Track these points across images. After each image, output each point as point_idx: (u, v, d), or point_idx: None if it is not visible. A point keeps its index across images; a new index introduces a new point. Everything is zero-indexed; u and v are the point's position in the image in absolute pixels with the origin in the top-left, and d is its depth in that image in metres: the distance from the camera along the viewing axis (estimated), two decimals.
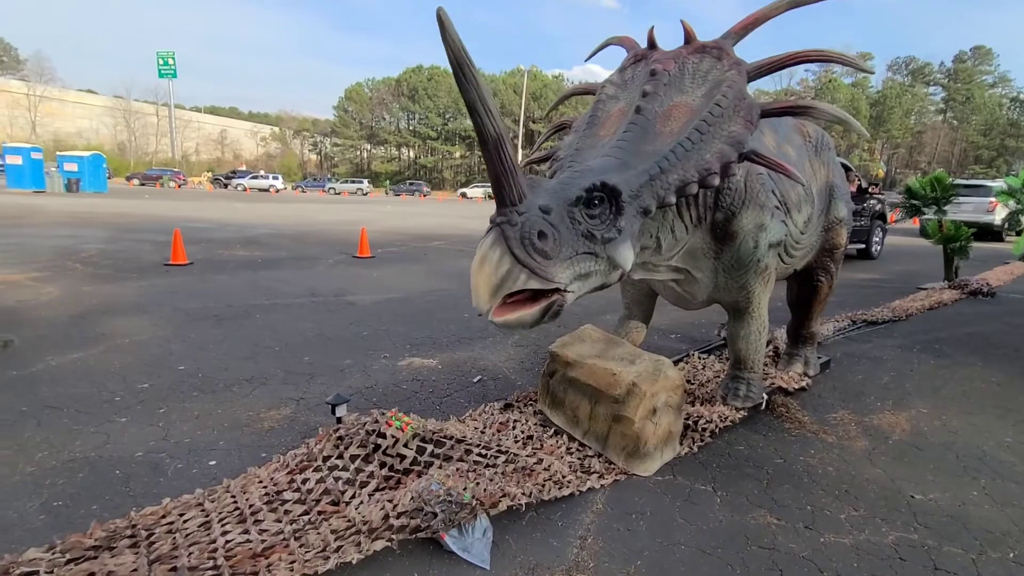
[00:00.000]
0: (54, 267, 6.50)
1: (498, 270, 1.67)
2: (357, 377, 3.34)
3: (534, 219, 1.70)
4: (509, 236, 1.67)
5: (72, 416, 2.66)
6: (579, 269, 1.84)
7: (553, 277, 1.76)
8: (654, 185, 1.97)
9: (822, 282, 3.25)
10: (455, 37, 1.51)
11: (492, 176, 1.69)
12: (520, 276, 1.69)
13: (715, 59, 2.23)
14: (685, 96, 2.21)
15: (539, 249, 1.70)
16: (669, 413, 2.40)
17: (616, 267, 1.93)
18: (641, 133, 2.13)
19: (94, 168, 27.43)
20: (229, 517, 1.85)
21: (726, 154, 2.03)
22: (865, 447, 2.62)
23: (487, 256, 1.68)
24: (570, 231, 1.80)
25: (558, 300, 1.80)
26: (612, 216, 1.87)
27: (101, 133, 58.07)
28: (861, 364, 3.87)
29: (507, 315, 1.77)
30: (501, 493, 1.96)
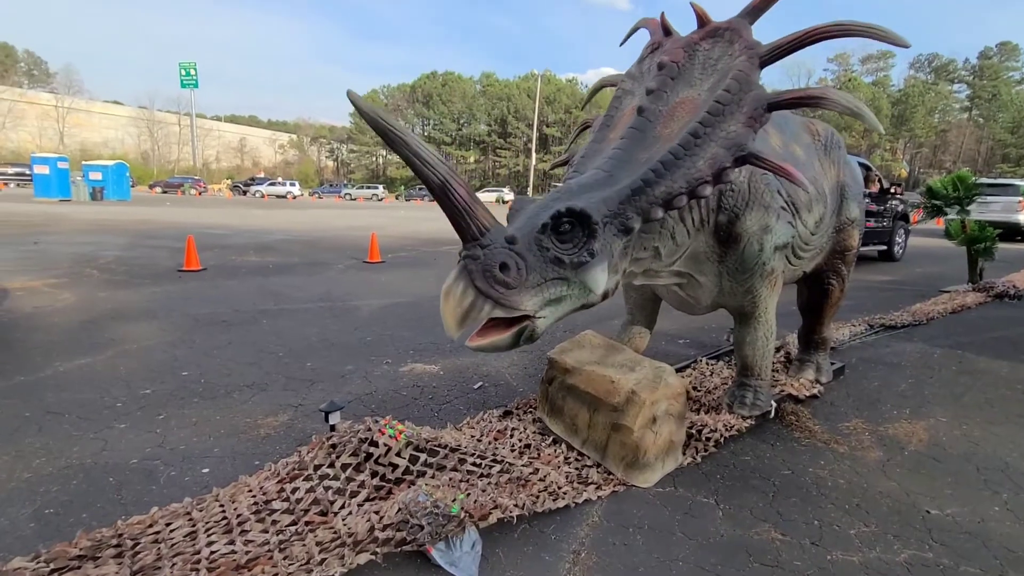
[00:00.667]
0: (72, 274, 6.63)
1: (462, 302, 1.71)
2: (358, 383, 3.31)
3: (496, 251, 1.73)
4: (472, 269, 1.72)
5: (73, 422, 2.67)
6: (549, 295, 1.83)
7: (518, 305, 1.78)
8: (637, 201, 1.90)
9: (833, 285, 3.14)
10: (371, 110, 1.58)
11: (449, 217, 1.74)
12: (484, 307, 1.73)
13: (728, 43, 2.09)
14: (692, 90, 2.12)
15: (501, 280, 1.73)
16: (670, 422, 2.32)
17: (588, 291, 1.89)
18: (639, 138, 2.06)
19: (118, 177, 28.09)
20: (216, 527, 1.83)
21: (720, 159, 1.92)
22: (879, 458, 2.50)
23: (451, 290, 1.72)
24: (537, 258, 1.80)
25: (529, 325, 1.82)
26: (584, 240, 1.83)
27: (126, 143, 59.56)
28: (878, 370, 3.73)
29: (480, 340, 1.82)
30: (492, 505, 1.91)
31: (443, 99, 58.90)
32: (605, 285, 1.94)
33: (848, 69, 59.70)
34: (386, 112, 1.64)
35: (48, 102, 56.36)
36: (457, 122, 59.83)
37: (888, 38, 1.85)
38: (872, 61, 59.43)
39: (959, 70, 58.39)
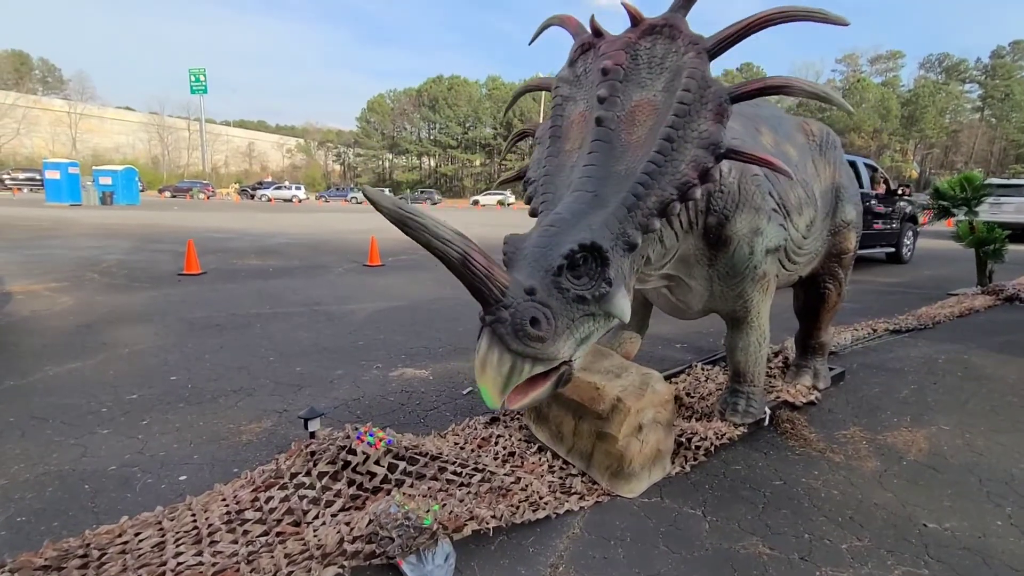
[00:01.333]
0: (73, 277, 6.66)
1: (501, 370, 1.66)
2: (346, 388, 3.27)
3: (523, 307, 1.67)
4: (502, 333, 1.66)
5: (56, 428, 2.65)
6: (580, 334, 1.80)
7: (556, 355, 1.74)
8: (634, 216, 1.85)
9: (830, 289, 3.05)
10: (387, 204, 1.55)
11: (469, 287, 1.67)
12: (524, 367, 1.69)
13: (668, 39, 2.01)
14: (645, 92, 2.01)
15: (535, 336, 1.67)
16: (658, 430, 2.26)
17: (613, 317, 1.86)
18: (607, 150, 1.96)
19: (127, 181, 28.40)
20: (185, 537, 1.79)
21: (701, 160, 1.86)
22: (876, 468, 2.42)
23: (487, 360, 1.67)
24: (561, 303, 1.74)
25: (567, 371, 1.80)
26: (599, 270, 1.78)
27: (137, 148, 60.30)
28: (879, 376, 3.64)
29: (522, 400, 1.77)
30: (468, 516, 1.85)
31: (449, 103, 59.06)
32: (629, 311, 1.90)
33: (856, 70, 59.27)
34: (403, 203, 1.60)
35: (61, 108, 57.21)
36: (463, 125, 59.96)
37: (828, 19, 1.81)
38: (881, 61, 58.97)
39: (971, 70, 57.74)
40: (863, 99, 52.15)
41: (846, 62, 60.45)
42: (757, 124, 2.56)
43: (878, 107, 51.89)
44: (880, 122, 52.11)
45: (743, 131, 2.44)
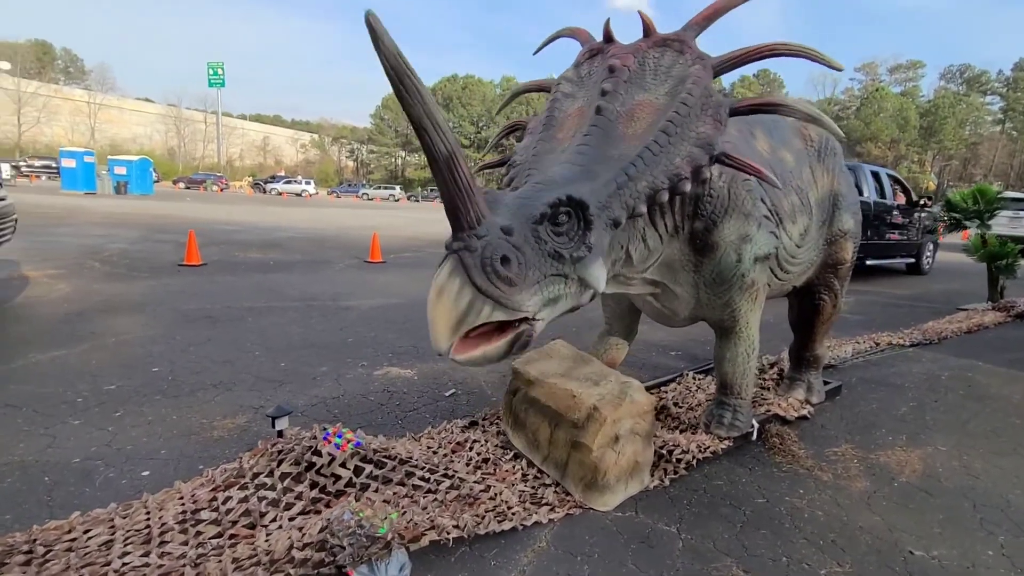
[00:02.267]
0: (74, 265, 6.68)
1: (458, 303, 1.50)
2: (328, 385, 3.22)
3: (496, 242, 1.53)
4: (468, 264, 1.50)
5: (27, 416, 2.62)
6: (548, 293, 1.67)
7: (520, 305, 1.60)
8: (622, 194, 1.79)
9: (824, 300, 2.95)
10: (390, 44, 1.34)
11: (445, 197, 1.52)
12: (484, 308, 1.53)
13: (677, 52, 2.03)
14: (647, 94, 2.02)
15: (503, 276, 1.53)
16: (635, 441, 2.17)
17: (588, 287, 1.77)
18: (604, 136, 1.94)
19: (141, 172, 28.66)
20: (135, 537, 1.73)
21: (696, 157, 1.84)
22: (865, 489, 2.32)
23: (445, 287, 1.51)
24: (536, 252, 1.63)
25: (527, 330, 1.65)
26: (581, 232, 1.70)
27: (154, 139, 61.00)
28: (878, 392, 3.52)
29: (470, 352, 1.61)
30: (429, 525, 1.78)
31: (463, 102, 59.13)
32: (604, 282, 1.82)
33: (875, 79, 58.52)
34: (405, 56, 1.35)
35: (81, 98, 57.98)
36: (476, 125, 60.00)
37: (823, 60, 1.90)
38: (901, 71, 58.17)
39: (992, 82, 56.76)
40: (881, 108, 51.47)
41: (865, 71, 59.71)
42: (752, 128, 2.47)
43: (896, 117, 51.17)
44: (898, 132, 51.37)
45: (737, 135, 2.35)
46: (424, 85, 1.41)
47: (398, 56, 1.35)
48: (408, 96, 1.38)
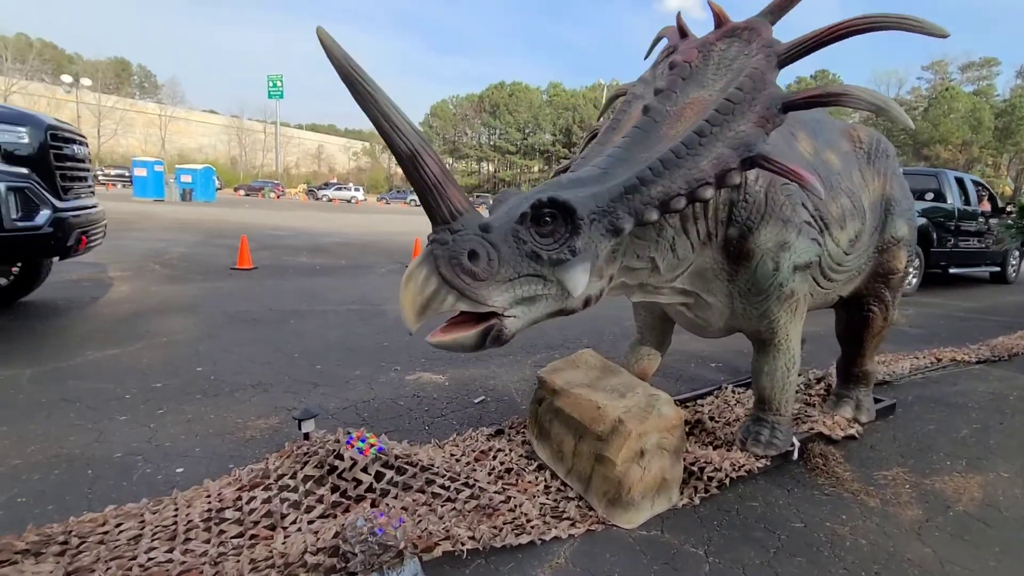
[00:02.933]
0: (137, 268, 7.11)
1: (424, 289, 1.55)
2: (360, 389, 3.26)
3: (467, 238, 1.57)
4: (438, 255, 1.55)
5: (79, 411, 2.77)
6: (521, 292, 1.66)
7: (486, 300, 1.60)
8: (630, 200, 1.71)
9: (875, 312, 2.75)
10: (340, 54, 1.42)
11: (417, 193, 1.58)
12: (447, 297, 1.57)
13: (745, 42, 1.91)
14: (704, 91, 1.92)
15: (468, 270, 1.56)
16: (663, 457, 2.08)
17: (565, 293, 1.73)
18: (642, 137, 1.88)
19: (205, 180, 30.33)
20: (162, 532, 1.79)
21: (725, 160, 1.71)
22: (916, 517, 2.14)
23: (413, 274, 1.57)
24: (512, 250, 1.63)
25: (496, 324, 1.65)
26: (566, 236, 1.66)
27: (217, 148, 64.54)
28: (937, 411, 3.26)
29: (442, 336, 1.67)
30: (444, 535, 1.76)
31: (509, 109, 59.60)
32: (585, 289, 1.76)
33: (945, 78, 55.06)
34: (354, 60, 1.45)
35: (153, 111, 62.09)
36: (523, 131, 60.35)
37: (924, 29, 1.61)
38: (974, 69, 54.51)
39: None
40: (951, 109, 48.35)
41: (933, 69, 56.30)
42: (794, 129, 2.34)
43: (968, 118, 47.93)
44: (970, 134, 48.10)
45: (778, 137, 2.23)
46: (378, 88, 1.48)
47: (349, 64, 1.43)
48: (363, 101, 1.46)
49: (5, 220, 3.41)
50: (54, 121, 4.08)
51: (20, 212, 3.51)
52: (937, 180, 8.39)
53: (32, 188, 3.59)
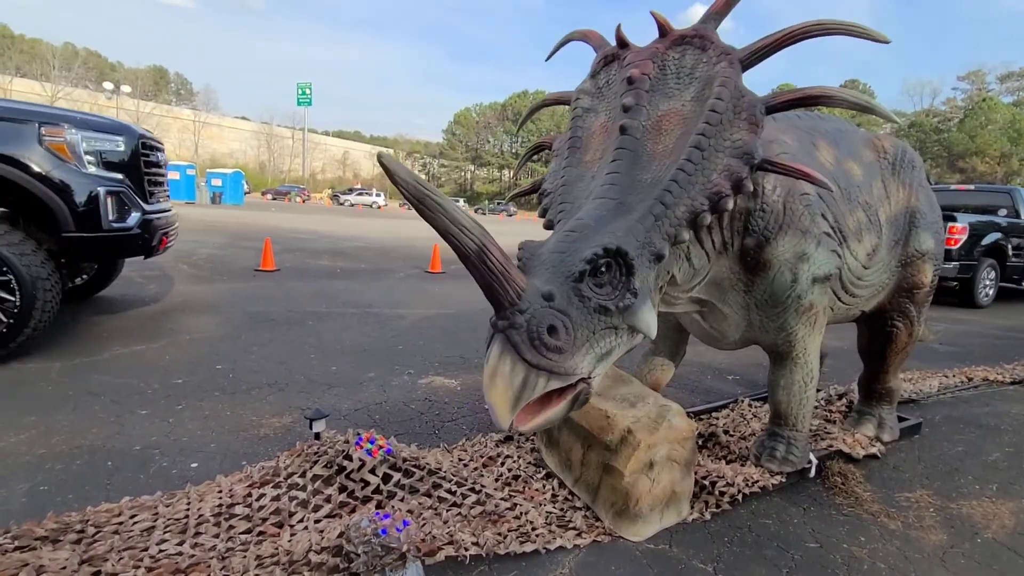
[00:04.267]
0: (165, 268, 7.30)
1: (513, 382, 1.51)
2: (372, 391, 3.29)
3: (540, 313, 1.53)
4: (516, 341, 1.51)
5: (104, 404, 2.85)
6: (600, 349, 1.65)
7: (574, 370, 1.59)
8: (661, 225, 1.71)
9: (898, 328, 2.66)
10: (406, 177, 1.40)
11: (482, 284, 1.54)
12: (539, 382, 1.53)
13: (699, 50, 1.89)
14: (672, 102, 1.89)
15: (552, 346, 1.53)
16: (673, 469, 2.04)
17: (638, 333, 1.73)
18: (632, 158, 1.84)
19: (234, 184, 31.17)
20: (174, 526, 1.82)
21: (735, 170, 1.72)
22: (940, 542, 2.05)
23: (497, 370, 1.52)
24: (581, 312, 1.60)
25: (584, 389, 1.64)
26: (624, 279, 1.65)
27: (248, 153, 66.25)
28: (966, 432, 3.14)
29: (533, 421, 1.62)
30: (447, 539, 1.75)
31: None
32: (655, 326, 1.77)
33: (983, 88, 53.49)
34: (422, 178, 1.46)
35: (188, 117, 64.07)
36: None
37: (867, 35, 1.68)
38: (1013, 79, 52.83)
39: None
40: (989, 120, 46.93)
41: (970, 80, 54.76)
42: (814, 138, 2.30)
43: (1007, 129, 46.43)
44: (1009, 146, 46.57)
45: (797, 146, 2.20)
46: (442, 195, 1.47)
47: (417, 184, 1.41)
48: (431, 214, 1.43)
49: (103, 221, 3.68)
50: (144, 131, 4.39)
51: (116, 214, 3.79)
52: (1011, 196, 8.96)
53: (126, 192, 3.88)
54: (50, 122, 3.56)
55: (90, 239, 3.64)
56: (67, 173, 3.55)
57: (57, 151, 3.54)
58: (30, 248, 3.45)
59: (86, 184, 3.61)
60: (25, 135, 3.45)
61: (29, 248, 3.45)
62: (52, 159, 3.51)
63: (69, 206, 3.54)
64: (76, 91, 53.35)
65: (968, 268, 7.88)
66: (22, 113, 3.53)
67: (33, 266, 3.41)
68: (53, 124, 3.56)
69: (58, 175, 3.51)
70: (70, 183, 3.56)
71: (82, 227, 3.59)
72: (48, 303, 3.49)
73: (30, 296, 3.38)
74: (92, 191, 3.62)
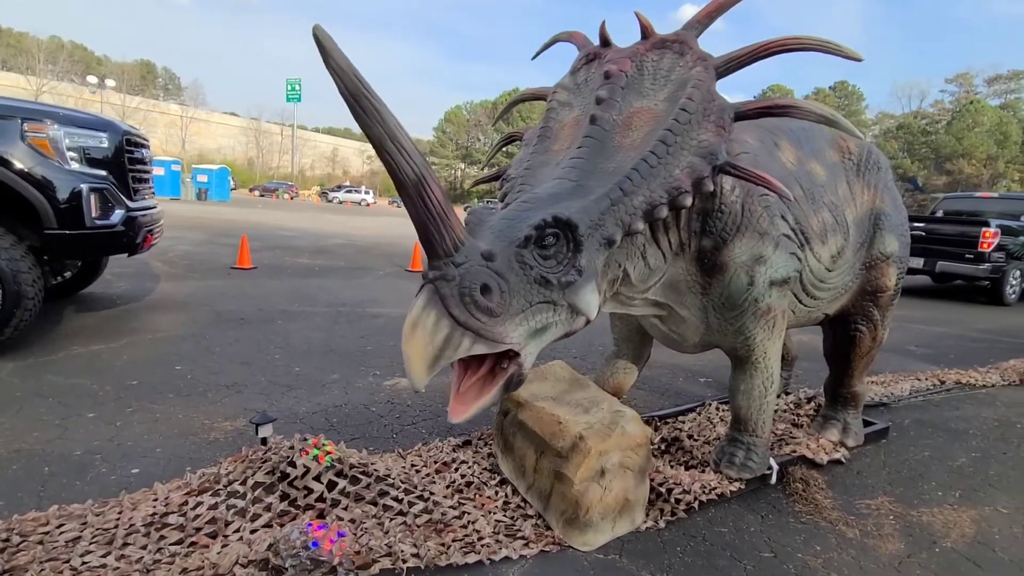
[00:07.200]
0: (139, 265, 7.15)
1: (435, 337, 1.40)
2: (335, 393, 3.21)
3: (475, 270, 1.44)
4: (445, 294, 1.41)
5: (50, 406, 2.75)
6: (535, 323, 1.57)
7: (504, 337, 1.50)
8: (617, 211, 1.66)
9: (862, 332, 2.63)
10: (343, 62, 1.24)
11: (417, 224, 1.42)
12: (463, 341, 1.43)
13: (677, 55, 1.89)
14: (646, 100, 1.88)
15: (483, 306, 1.44)
16: (626, 477, 1.99)
17: (579, 314, 1.66)
18: (598, 147, 1.82)
19: (220, 180, 30.78)
20: (101, 536, 1.74)
21: (697, 168, 1.70)
22: (898, 552, 2.02)
23: (419, 321, 1.41)
24: (520, 279, 1.52)
25: (515, 370, 1.56)
26: (570, 255, 1.58)
27: (236, 150, 65.57)
28: (934, 437, 3.12)
29: (466, 409, 1.57)
30: (385, 551, 1.69)
31: (523, 115, 59.73)
32: (596, 308, 1.70)
33: (970, 91, 54.10)
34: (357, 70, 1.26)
35: (175, 112, 63.30)
36: None
37: (841, 52, 1.69)
38: (1000, 82, 53.48)
39: None
40: (976, 123, 47.46)
41: (958, 82, 55.36)
42: (777, 138, 2.26)
43: (994, 132, 47.01)
44: (996, 148, 47.16)
45: (759, 145, 2.16)
46: (384, 104, 1.32)
47: (353, 75, 1.25)
48: (367, 118, 1.29)
49: (86, 219, 3.61)
50: (128, 127, 4.31)
51: (99, 211, 3.71)
52: None
53: (109, 189, 3.79)
54: (33, 118, 3.50)
55: (73, 236, 3.58)
56: (49, 169, 3.49)
57: (39, 147, 3.48)
58: (11, 245, 3.38)
59: (69, 181, 3.55)
60: (7, 131, 3.38)
61: (10, 245, 3.38)
62: (34, 155, 3.45)
63: (51, 203, 3.47)
64: (61, 85, 52.50)
65: (998, 269, 8.45)
66: (4, 109, 3.45)
67: (14, 263, 3.34)
68: (36, 120, 3.49)
69: (40, 171, 3.45)
70: (52, 180, 3.49)
71: (65, 224, 3.52)
72: (29, 301, 3.42)
73: (11, 294, 3.32)
74: (75, 188, 3.56)
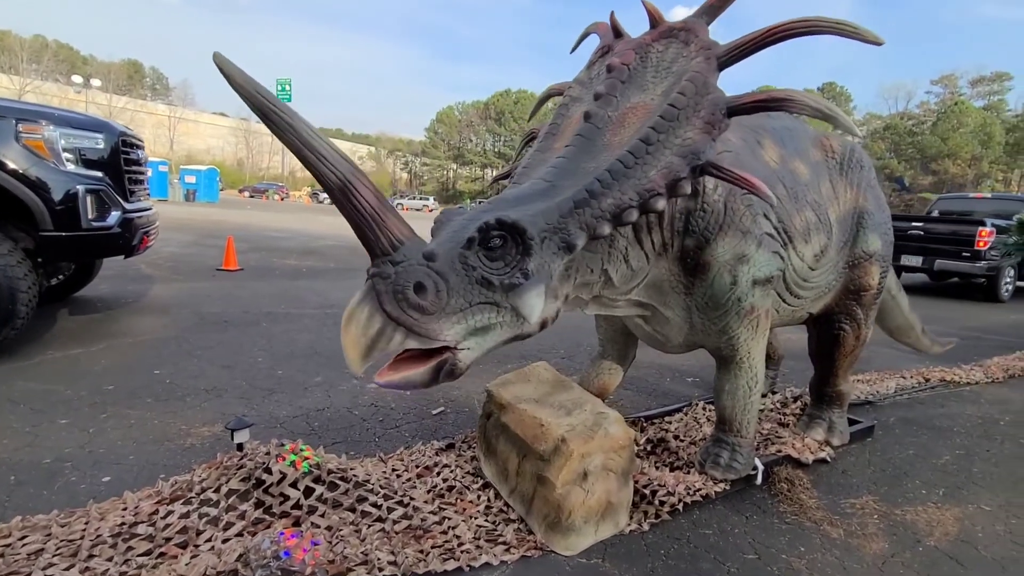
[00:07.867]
0: (122, 267, 7.03)
1: (367, 330, 1.43)
2: (317, 396, 3.16)
3: (412, 269, 1.44)
4: (380, 290, 1.43)
5: (22, 413, 2.68)
6: (475, 322, 1.55)
7: (436, 334, 1.49)
8: (580, 215, 1.62)
9: (846, 331, 2.62)
10: (246, 83, 1.31)
11: (352, 226, 1.45)
12: (394, 336, 1.45)
13: (682, 44, 1.83)
14: (644, 95, 1.84)
15: (415, 304, 1.44)
16: (609, 479, 1.96)
17: (521, 318, 1.62)
18: (586, 146, 1.78)
19: (209, 181, 30.50)
20: (66, 548, 1.68)
21: (675, 168, 1.64)
22: (882, 551, 2.00)
23: (354, 314, 1.44)
24: (461, 279, 1.51)
25: (449, 359, 1.53)
26: (518, 258, 1.56)
27: (225, 150, 65.06)
28: (919, 435, 3.12)
29: (391, 376, 1.54)
30: (361, 559, 1.65)
31: (515, 116, 59.80)
32: (541, 312, 1.66)
33: (955, 92, 54.78)
34: (261, 86, 1.33)
35: (163, 112, 62.69)
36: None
37: (859, 35, 1.57)
38: (984, 83, 54.19)
39: None
40: (961, 123, 48.07)
41: (943, 83, 56.04)
42: (760, 136, 2.24)
43: (978, 132, 47.62)
44: (980, 149, 47.78)
45: (741, 144, 2.14)
46: (295, 115, 1.36)
47: (258, 93, 1.31)
48: (280, 131, 1.34)
49: (83, 220, 3.56)
50: (124, 128, 4.25)
51: (95, 213, 3.66)
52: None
53: (105, 191, 3.74)
54: (28, 119, 3.44)
55: (69, 238, 3.53)
56: (45, 171, 3.44)
57: (35, 148, 3.43)
58: (6, 248, 3.33)
59: (65, 182, 3.50)
60: (1, 132, 3.32)
61: (5, 248, 3.32)
62: (30, 156, 3.40)
63: (47, 204, 3.42)
64: (45, 84, 51.83)
65: (994, 267, 8.64)
66: None
67: (9, 266, 3.28)
68: (31, 121, 3.44)
69: (36, 173, 3.40)
70: (48, 181, 3.44)
71: (60, 226, 3.47)
72: (23, 308, 3.36)
73: (6, 297, 3.25)
74: (71, 189, 3.51)
